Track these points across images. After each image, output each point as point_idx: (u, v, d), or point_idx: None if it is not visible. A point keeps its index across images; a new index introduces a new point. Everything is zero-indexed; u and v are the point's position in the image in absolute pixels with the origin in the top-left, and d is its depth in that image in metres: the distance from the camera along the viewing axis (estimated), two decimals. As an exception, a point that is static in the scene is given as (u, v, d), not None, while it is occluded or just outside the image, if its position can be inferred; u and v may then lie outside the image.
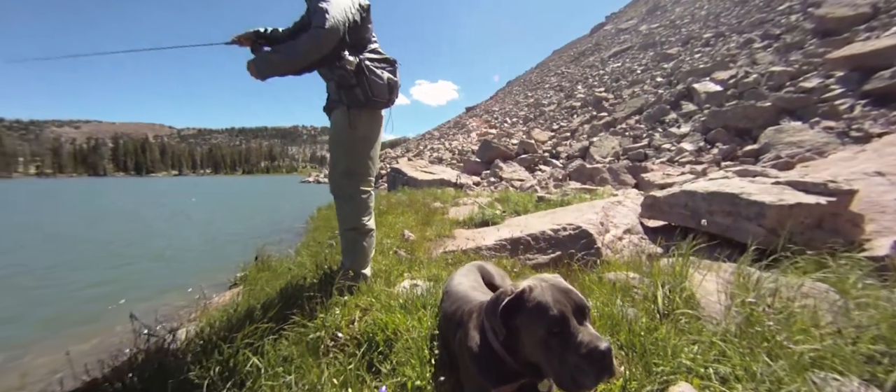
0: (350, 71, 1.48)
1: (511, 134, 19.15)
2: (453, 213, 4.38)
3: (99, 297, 3.01)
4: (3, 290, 3.21)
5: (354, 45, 1.53)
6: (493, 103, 39.54)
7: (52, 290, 3.22)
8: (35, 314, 2.71)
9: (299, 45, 1.40)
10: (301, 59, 1.43)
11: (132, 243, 5.18)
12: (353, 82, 1.49)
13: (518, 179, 8.74)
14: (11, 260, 4.23)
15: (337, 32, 1.40)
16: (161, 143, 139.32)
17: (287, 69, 1.46)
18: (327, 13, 1.37)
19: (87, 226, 7.06)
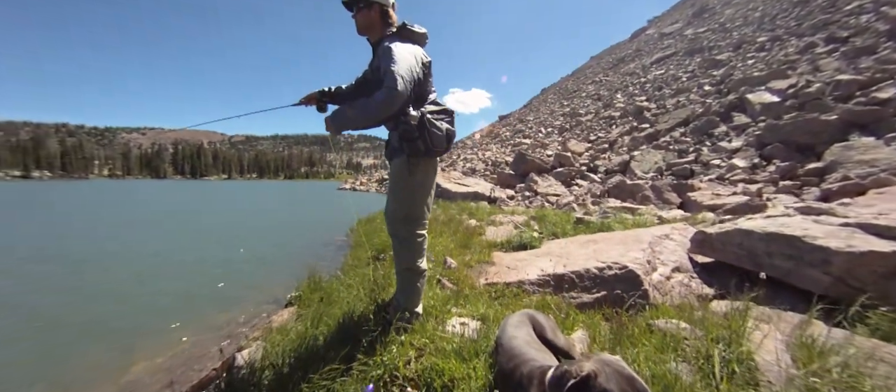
0: (413, 125, 1.60)
1: (546, 144, 18.87)
2: (490, 233, 4.43)
3: (159, 308, 3.31)
4: (57, 302, 3.51)
5: (417, 99, 1.65)
6: (527, 112, 39.09)
7: (113, 301, 3.50)
8: (105, 324, 3.03)
9: (372, 104, 1.53)
10: (373, 117, 1.58)
11: (182, 252, 5.61)
12: (415, 135, 1.60)
13: (554, 194, 8.61)
14: (62, 278, 4.76)
15: (406, 93, 1.53)
16: (214, 148, 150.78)
17: (360, 125, 1.61)
18: (398, 75, 1.50)
19: (144, 232, 7.77)
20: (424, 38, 1.77)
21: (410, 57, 1.58)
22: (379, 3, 1.72)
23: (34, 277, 4.13)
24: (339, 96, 1.99)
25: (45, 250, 5.49)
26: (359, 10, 1.74)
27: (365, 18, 1.74)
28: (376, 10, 1.72)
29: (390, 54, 1.55)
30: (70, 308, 3.23)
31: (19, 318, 3.06)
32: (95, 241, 6.28)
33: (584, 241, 3.27)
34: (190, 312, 3.12)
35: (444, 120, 1.68)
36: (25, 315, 3.11)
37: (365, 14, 1.73)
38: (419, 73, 1.61)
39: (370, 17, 1.73)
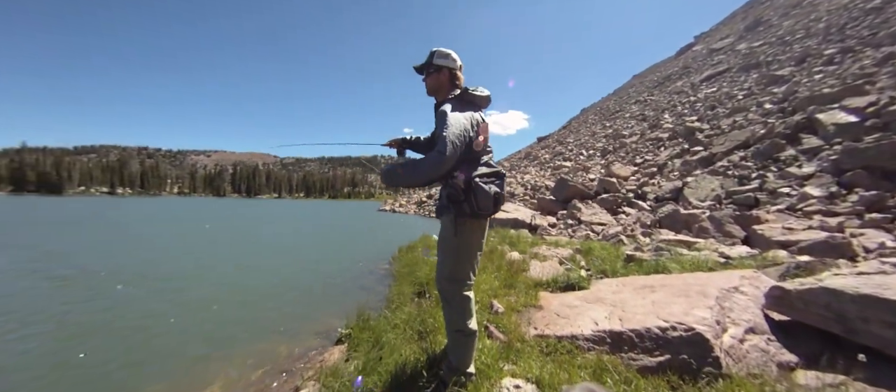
0: (461, 188, 1.64)
1: (588, 168, 18.30)
2: (535, 269, 4.32)
3: (210, 335, 3.42)
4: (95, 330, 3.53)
5: (468, 160, 1.69)
6: (567, 133, 38.34)
7: (158, 328, 3.60)
8: (158, 354, 3.27)
9: (421, 167, 1.63)
10: (421, 179, 1.68)
11: (231, 276, 5.81)
12: (461, 198, 1.65)
13: (599, 223, 8.25)
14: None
15: (455, 158, 1.60)
16: (267, 169, 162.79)
17: (410, 184, 1.71)
18: (449, 141, 1.57)
19: (193, 253, 8.38)
20: (486, 100, 1.82)
21: (464, 121, 1.65)
22: (448, 67, 1.82)
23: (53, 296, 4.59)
24: (416, 146, 2.16)
25: (90, 268, 6.10)
26: (429, 74, 1.86)
27: (434, 82, 1.85)
28: (445, 73, 1.83)
29: (444, 119, 1.63)
30: (129, 331, 3.54)
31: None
32: (153, 261, 6.90)
33: (639, 285, 3.09)
34: (241, 342, 3.28)
35: (493, 183, 1.70)
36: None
37: (435, 78, 1.85)
38: (472, 134, 1.67)
39: (439, 80, 1.84)
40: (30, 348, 3.08)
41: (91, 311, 4.03)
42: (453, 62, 1.85)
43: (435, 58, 1.85)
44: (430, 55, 1.87)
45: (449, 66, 1.84)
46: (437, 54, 1.85)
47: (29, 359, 2.91)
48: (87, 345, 3.16)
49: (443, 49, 1.85)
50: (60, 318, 3.78)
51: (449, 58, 1.84)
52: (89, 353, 3.01)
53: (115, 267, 6.12)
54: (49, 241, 8.95)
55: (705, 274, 3.16)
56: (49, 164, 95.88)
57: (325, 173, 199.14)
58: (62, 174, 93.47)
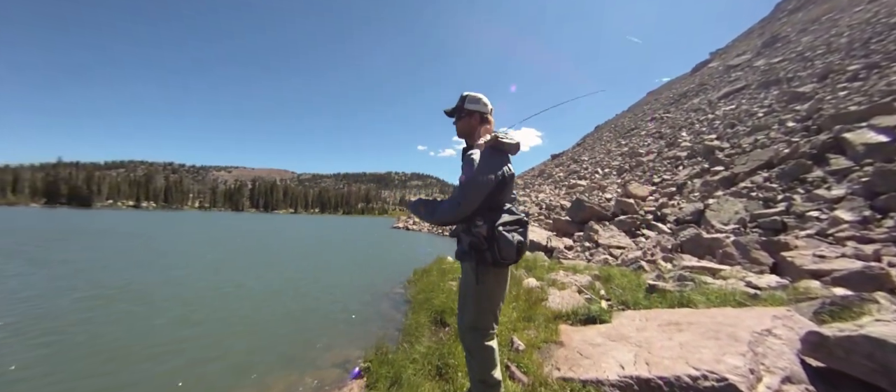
0: (483, 237, 1.63)
1: (603, 186, 18.06)
2: (554, 299, 4.24)
3: (221, 363, 3.46)
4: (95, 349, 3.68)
5: (490, 208, 1.69)
6: (581, 151, 38.08)
7: (173, 354, 3.70)
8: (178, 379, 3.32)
9: (439, 211, 1.68)
10: (438, 222, 1.73)
11: (244, 299, 5.82)
12: (484, 247, 1.63)
13: (617, 247, 8.07)
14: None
15: (471, 208, 1.62)
16: (284, 185, 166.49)
17: (429, 223, 1.76)
18: (467, 192, 1.60)
19: (207, 272, 8.52)
20: (515, 147, 1.80)
21: (488, 172, 1.65)
22: (479, 111, 1.86)
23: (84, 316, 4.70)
24: None
25: (105, 286, 6.26)
26: (460, 118, 1.89)
27: (465, 126, 1.88)
28: (476, 117, 1.87)
29: (470, 167, 1.64)
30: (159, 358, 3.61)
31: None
32: (166, 280, 7.05)
33: (664, 321, 3.00)
34: (260, 371, 3.29)
35: (516, 231, 1.69)
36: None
37: (466, 122, 1.88)
38: (494, 183, 1.67)
39: (470, 124, 1.88)
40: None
41: (108, 335, 4.13)
42: (484, 106, 1.88)
43: (466, 103, 1.88)
44: (461, 100, 1.90)
45: (480, 110, 1.87)
46: (469, 99, 1.88)
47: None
48: (100, 369, 3.23)
49: (473, 94, 1.89)
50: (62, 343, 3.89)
51: (480, 102, 1.87)
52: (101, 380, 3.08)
53: (121, 285, 6.30)
54: (76, 254, 9.31)
55: (734, 310, 3.04)
56: (81, 179, 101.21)
57: (340, 189, 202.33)
58: (92, 188, 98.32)
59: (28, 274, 7.09)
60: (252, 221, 42.79)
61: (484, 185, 1.63)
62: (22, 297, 5.37)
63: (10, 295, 5.50)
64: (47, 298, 5.38)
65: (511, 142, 1.78)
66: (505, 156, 1.78)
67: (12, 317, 4.47)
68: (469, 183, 1.62)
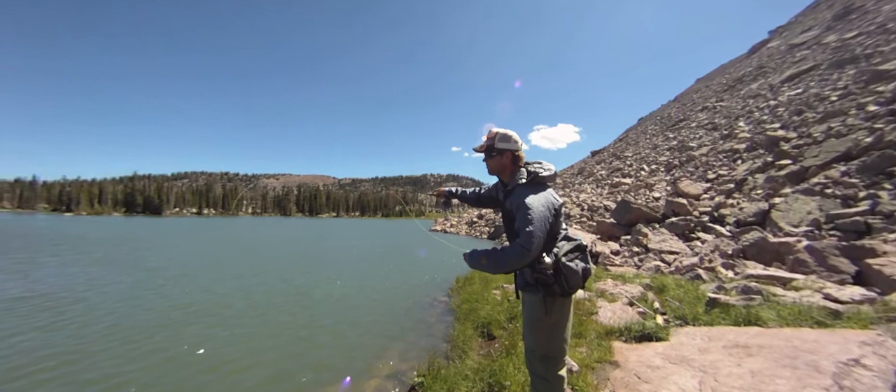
0: (549, 273, 1.66)
1: (650, 185, 17.10)
2: (604, 313, 4.11)
3: (274, 375, 3.65)
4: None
5: (548, 240, 1.71)
6: (624, 146, 36.26)
7: (233, 360, 4.05)
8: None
9: (505, 260, 1.66)
10: (506, 270, 1.72)
11: (292, 309, 6.04)
12: (551, 281, 1.66)
13: (670, 252, 7.62)
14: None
15: (540, 248, 1.63)
16: (327, 190, 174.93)
17: (492, 272, 1.80)
18: (533, 238, 1.60)
19: (258, 283, 9.07)
20: (553, 178, 1.84)
21: (544, 210, 1.67)
22: (510, 150, 1.88)
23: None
24: (461, 197, 2.36)
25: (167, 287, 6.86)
26: (491, 156, 1.92)
27: (497, 164, 1.92)
28: (508, 156, 1.89)
29: (526, 213, 1.64)
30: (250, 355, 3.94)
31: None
32: (241, 288, 7.64)
33: (730, 342, 2.82)
34: (313, 382, 3.50)
35: (578, 258, 1.71)
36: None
37: (497, 161, 1.91)
38: (551, 221, 1.70)
39: (502, 163, 1.90)
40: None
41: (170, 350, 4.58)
42: (515, 144, 1.88)
43: (497, 142, 1.89)
44: (491, 138, 1.92)
45: (511, 148, 1.87)
46: (499, 138, 1.89)
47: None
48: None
49: (503, 132, 1.90)
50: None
51: (510, 140, 1.88)
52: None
53: (203, 292, 6.93)
54: (163, 262, 10.41)
55: (813, 332, 2.79)
56: (152, 190, 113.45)
57: (378, 192, 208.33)
58: (162, 198, 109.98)
59: (131, 281, 8.04)
60: (301, 226, 45.28)
61: (544, 225, 1.65)
62: (132, 303, 6.11)
63: (127, 300, 6.28)
64: (147, 307, 6.07)
65: (549, 173, 1.83)
66: (545, 186, 1.82)
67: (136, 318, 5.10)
68: (533, 229, 1.62)
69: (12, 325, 4.83)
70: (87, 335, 4.56)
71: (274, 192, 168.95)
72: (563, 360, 1.78)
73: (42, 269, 9.29)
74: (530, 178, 1.80)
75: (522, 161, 1.89)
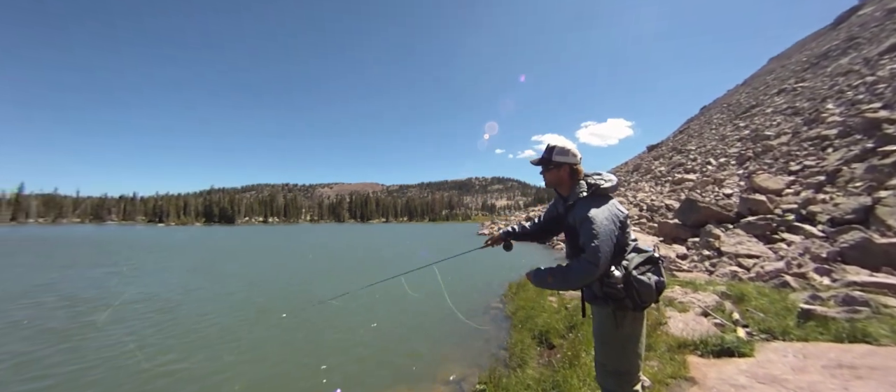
0: (619, 287, 1.59)
1: (720, 180, 15.59)
2: (675, 323, 3.84)
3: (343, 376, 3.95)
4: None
5: (616, 253, 1.65)
6: (686, 139, 33.43)
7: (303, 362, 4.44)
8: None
9: (572, 276, 1.65)
10: (573, 287, 1.72)
11: (355, 311, 6.44)
12: (622, 295, 1.60)
13: (748, 255, 6.88)
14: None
15: (607, 263, 1.59)
16: (376, 197, 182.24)
17: (559, 289, 1.77)
18: (599, 253, 1.56)
19: (320, 286, 9.59)
20: (615, 189, 1.78)
21: (609, 224, 1.62)
22: (568, 163, 1.84)
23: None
24: (523, 235, 2.22)
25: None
26: (548, 169, 1.90)
27: (554, 177, 1.89)
28: (566, 169, 1.84)
29: (590, 227, 1.61)
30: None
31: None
32: (312, 293, 8.21)
33: (832, 362, 2.50)
34: (380, 385, 3.67)
35: (649, 270, 1.63)
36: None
37: (554, 173, 1.88)
38: (617, 233, 1.64)
39: (559, 176, 1.87)
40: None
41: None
42: (573, 157, 1.84)
43: (555, 155, 1.86)
44: (548, 151, 1.90)
45: (569, 162, 1.84)
46: (557, 151, 1.86)
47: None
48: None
49: (561, 145, 1.87)
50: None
51: (569, 154, 1.84)
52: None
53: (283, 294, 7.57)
54: (244, 268, 11.61)
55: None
56: (226, 201, 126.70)
57: (425, 197, 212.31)
58: (234, 209, 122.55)
59: (222, 287, 9.08)
60: (354, 232, 47.66)
61: (610, 238, 1.60)
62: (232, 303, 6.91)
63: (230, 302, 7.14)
64: (242, 309, 6.82)
65: (611, 184, 1.77)
66: (608, 197, 1.76)
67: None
68: (599, 244, 1.58)
69: (140, 322, 5.67)
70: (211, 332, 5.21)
71: (328, 200, 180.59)
72: (638, 376, 1.70)
73: (160, 274, 10.77)
74: (591, 191, 1.75)
75: (581, 174, 1.85)
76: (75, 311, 6.39)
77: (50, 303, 7.00)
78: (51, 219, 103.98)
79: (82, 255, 16.77)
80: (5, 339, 4.88)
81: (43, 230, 53.69)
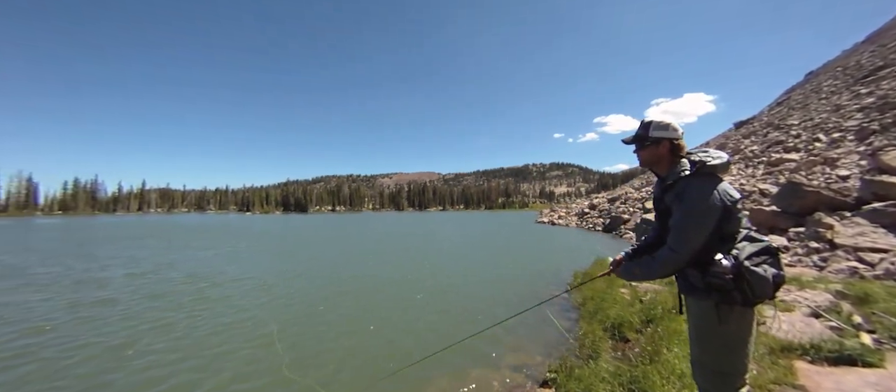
0: (728, 278, 1.41)
1: (832, 159, 13.25)
2: (777, 324, 3.41)
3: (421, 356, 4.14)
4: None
5: (722, 239, 1.48)
6: (786, 112, 28.81)
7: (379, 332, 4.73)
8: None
9: (656, 265, 1.55)
10: (656, 276, 1.60)
11: (421, 292, 6.81)
12: (730, 286, 1.42)
13: (873, 249, 5.79)
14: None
15: (694, 248, 1.45)
16: (433, 185, 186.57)
17: (648, 280, 1.66)
18: (685, 236, 1.44)
19: (386, 264, 10.05)
20: (725, 168, 1.55)
21: (707, 206, 1.45)
22: (668, 138, 1.64)
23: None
24: (646, 250, 1.90)
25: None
26: (644, 146, 1.72)
27: (651, 154, 1.71)
28: (665, 145, 1.66)
29: (682, 208, 1.49)
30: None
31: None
32: (386, 277, 8.75)
33: None
34: (458, 364, 3.80)
35: (765, 262, 1.42)
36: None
37: (651, 150, 1.69)
38: (720, 216, 1.46)
39: (657, 153, 1.68)
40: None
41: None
42: (674, 132, 1.64)
43: (652, 130, 1.67)
44: (643, 126, 1.71)
45: (669, 136, 1.64)
46: (654, 125, 1.68)
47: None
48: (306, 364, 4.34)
49: (659, 119, 1.69)
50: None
51: (669, 128, 1.66)
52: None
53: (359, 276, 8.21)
54: (319, 250, 12.83)
55: None
56: (300, 192, 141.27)
57: (480, 185, 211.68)
58: (307, 199, 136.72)
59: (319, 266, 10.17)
60: (412, 220, 49.42)
61: (703, 222, 1.45)
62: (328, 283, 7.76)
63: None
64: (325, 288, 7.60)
65: (720, 161, 1.55)
66: (717, 179, 1.55)
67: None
68: (683, 223, 1.46)
69: (253, 298, 6.59)
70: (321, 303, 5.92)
71: (388, 190, 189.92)
72: (744, 379, 1.53)
73: (255, 256, 12.37)
74: (696, 169, 1.54)
75: (683, 150, 1.65)
76: (196, 287, 7.56)
77: (177, 278, 8.40)
78: (166, 209, 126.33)
79: (192, 239, 19.79)
80: (151, 305, 5.99)
81: (160, 218, 65.06)
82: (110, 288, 7.33)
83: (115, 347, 4.26)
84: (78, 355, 4.02)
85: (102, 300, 6.33)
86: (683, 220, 1.49)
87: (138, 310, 5.77)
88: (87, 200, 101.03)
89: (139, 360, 3.92)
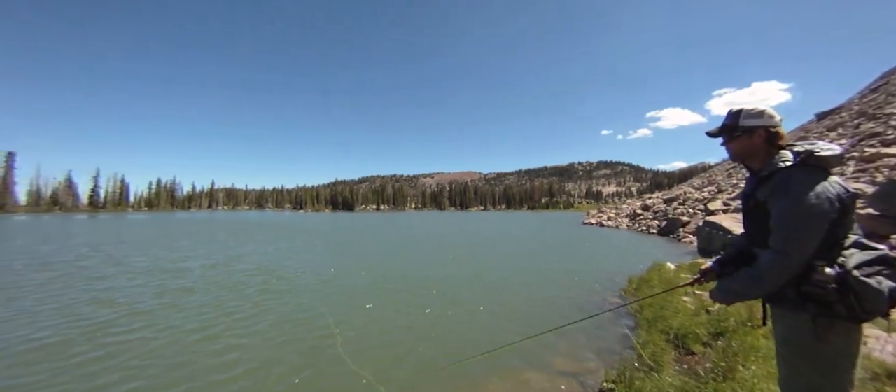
0: (831, 287, 1.23)
1: (950, 154, 11.26)
2: (881, 345, 2.98)
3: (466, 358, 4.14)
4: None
5: (830, 245, 1.29)
6: (882, 99, 24.98)
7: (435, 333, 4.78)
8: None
9: (759, 275, 1.35)
10: (765, 289, 1.39)
11: (470, 292, 6.81)
12: (833, 298, 1.23)
13: None
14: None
15: (806, 254, 1.26)
16: (474, 185, 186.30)
17: (752, 298, 1.46)
18: (793, 236, 1.26)
19: (435, 268, 10.10)
20: (838, 160, 1.33)
21: (819, 202, 1.26)
22: (763, 126, 1.45)
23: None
24: (736, 258, 1.66)
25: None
26: (734, 138, 1.52)
27: (744, 146, 1.51)
28: (761, 134, 1.45)
29: (786, 206, 1.29)
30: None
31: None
32: (427, 277, 8.90)
33: None
34: (512, 368, 3.76)
35: (880, 273, 1.21)
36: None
37: (743, 142, 1.50)
38: (833, 217, 1.27)
39: (752, 143, 1.48)
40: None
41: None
42: (770, 119, 1.45)
43: (743, 119, 1.49)
44: (732, 115, 1.53)
45: (765, 124, 1.45)
46: (746, 114, 1.49)
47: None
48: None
49: (750, 106, 1.50)
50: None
51: (763, 115, 1.46)
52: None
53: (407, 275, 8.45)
54: (371, 246, 13.41)
55: None
56: (347, 192, 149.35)
57: (523, 185, 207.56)
58: (354, 198, 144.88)
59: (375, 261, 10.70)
60: (454, 219, 49.70)
61: (814, 222, 1.26)
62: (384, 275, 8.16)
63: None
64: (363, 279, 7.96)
65: (832, 153, 1.33)
66: (826, 173, 1.33)
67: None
68: (790, 221, 1.27)
69: (315, 292, 7.08)
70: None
71: (430, 190, 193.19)
72: None
73: (308, 252, 13.24)
74: (800, 159, 1.34)
75: (782, 139, 1.45)
76: (261, 278, 8.22)
77: (245, 270, 9.21)
78: (231, 206, 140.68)
79: (255, 233, 21.59)
80: (221, 296, 6.62)
81: (227, 214, 72.05)
82: (189, 278, 8.21)
83: (192, 331, 4.75)
84: (163, 338, 4.54)
85: (183, 288, 7.10)
86: (790, 218, 1.29)
87: (212, 299, 6.39)
88: (168, 198, 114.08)
89: (213, 344, 4.34)
